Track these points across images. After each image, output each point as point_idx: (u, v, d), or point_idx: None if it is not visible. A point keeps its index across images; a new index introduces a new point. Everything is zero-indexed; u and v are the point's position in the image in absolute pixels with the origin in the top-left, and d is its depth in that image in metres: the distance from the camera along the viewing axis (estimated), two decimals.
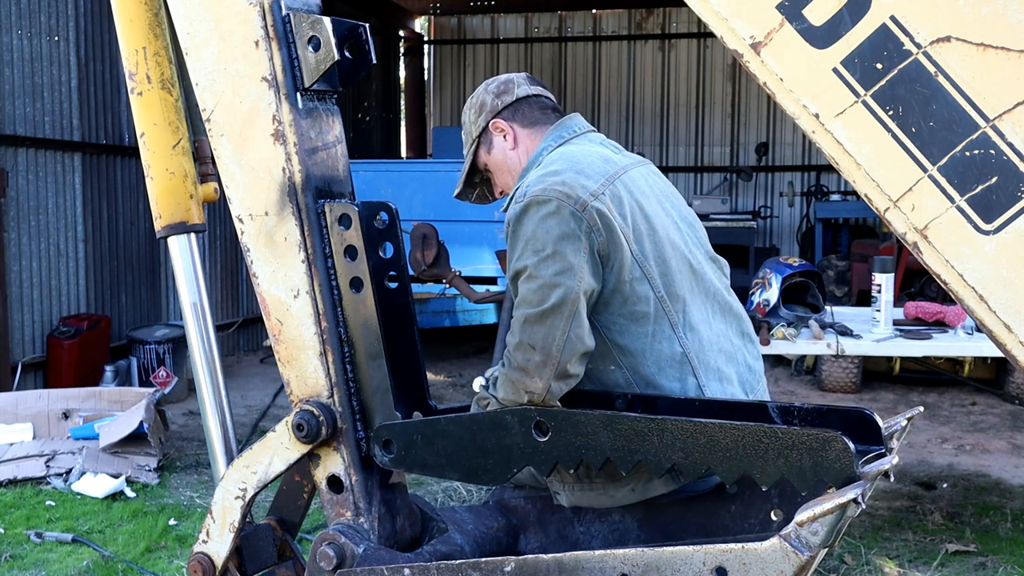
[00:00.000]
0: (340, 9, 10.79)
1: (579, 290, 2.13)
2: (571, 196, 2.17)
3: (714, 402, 2.12)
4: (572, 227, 2.15)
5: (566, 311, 2.12)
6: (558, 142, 2.41)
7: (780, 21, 1.52)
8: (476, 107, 2.54)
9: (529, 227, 2.17)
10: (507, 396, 2.16)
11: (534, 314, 2.12)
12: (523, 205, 2.19)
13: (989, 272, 1.45)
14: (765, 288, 5.09)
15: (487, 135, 2.52)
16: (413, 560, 1.93)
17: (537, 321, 2.11)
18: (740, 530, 2.09)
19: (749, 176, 13.11)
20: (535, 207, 2.17)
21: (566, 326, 2.11)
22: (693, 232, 2.44)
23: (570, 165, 2.27)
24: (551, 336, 2.11)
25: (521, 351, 2.12)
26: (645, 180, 2.40)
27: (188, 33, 1.98)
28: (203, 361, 2.18)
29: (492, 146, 2.52)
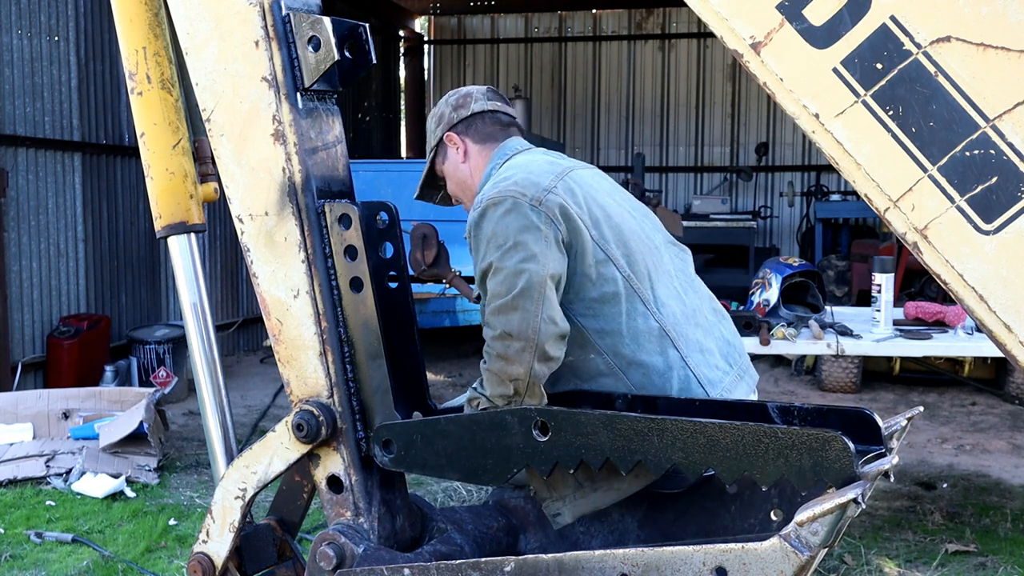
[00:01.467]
0: (340, 9, 10.79)
1: (545, 274, 2.20)
2: (525, 193, 2.27)
3: (714, 402, 2.12)
4: (531, 219, 2.24)
5: (535, 294, 2.18)
6: (503, 159, 2.52)
7: (780, 21, 1.52)
8: (436, 117, 2.63)
9: (488, 227, 2.26)
10: (494, 391, 2.20)
11: (506, 302, 2.18)
12: (480, 210, 2.28)
13: (989, 272, 1.45)
14: (765, 288, 5.09)
15: (443, 145, 2.61)
16: (413, 560, 1.93)
17: (510, 308, 2.17)
18: (740, 530, 2.09)
19: (749, 176, 13.11)
20: (492, 208, 2.26)
21: (538, 309, 2.18)
22: (648, 219, 2.54)
23: (519, 170, 2.38)
24: (526, 320, 2.17)
25: (500, 340, 2.18)
26: (592, 177, 2.49)
27: (188, 33, 1.98)
28: (203, 361, 2.18)
29: (447, 157, 2.61)
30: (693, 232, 11.01)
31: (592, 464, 1.84)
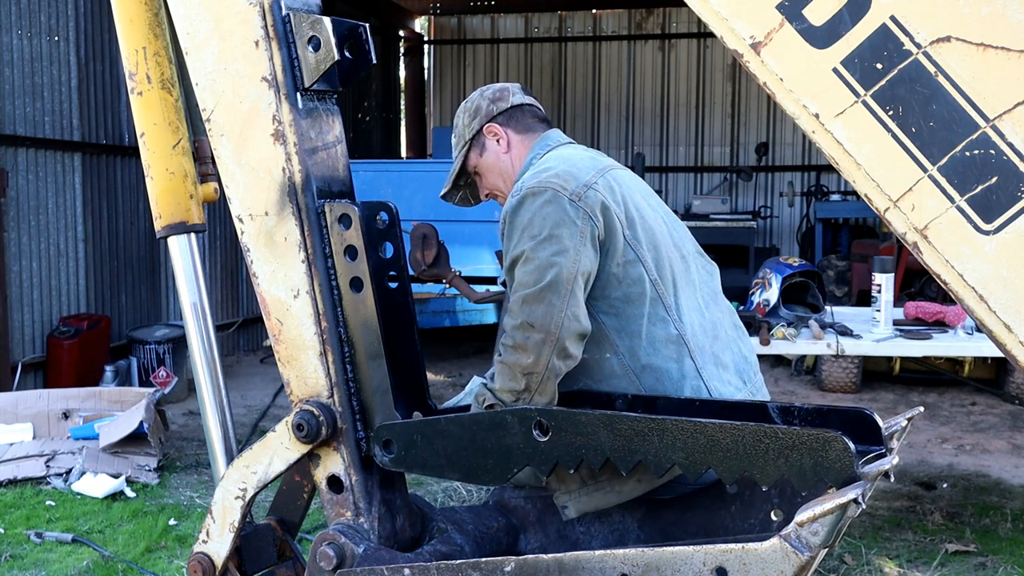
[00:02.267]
0: (340, 9, 10.79)
1: (576, 270, 2.21)
2: (566, 187, 2.27)
3: (714, 402, 2.12)
4: (569, 213, 2.24)
5: (563, 289, 2.19)
6: (546, 149, 2.52)
7: (780, 21, 1.52)
8: (471, 111, 2.61)
9: (525, 216, 2.26)
10: (504, 384, 2.20)
11: (532, 293, 2.18)
12: (519, 198, 2.28)
13: (989, 272, 1.45)
14: (765, 288, 5.09)
15: (480, 138, 2.59)
16: (413, 560, 1.93)
17: (535, 299, 2.18)
18: (740, 530, 2.09)
19: (749, 176, 13.11)
20: (531, 198, 2.26)
21: (563, 304, 2.18)
22: (679, 228, 2.55)
23: (561, 163, 2.38)
24: (549, 314, 2.17)
25: (521, 330, 2.18)
26: (631, 178, 2.51)
27: (188, 33, 1.98)
28: (203, 361, 2.18)
29: (485, 149, 2.59)
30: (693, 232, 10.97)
31: (592, 464, 1.84)
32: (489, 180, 2.63)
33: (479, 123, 2.59)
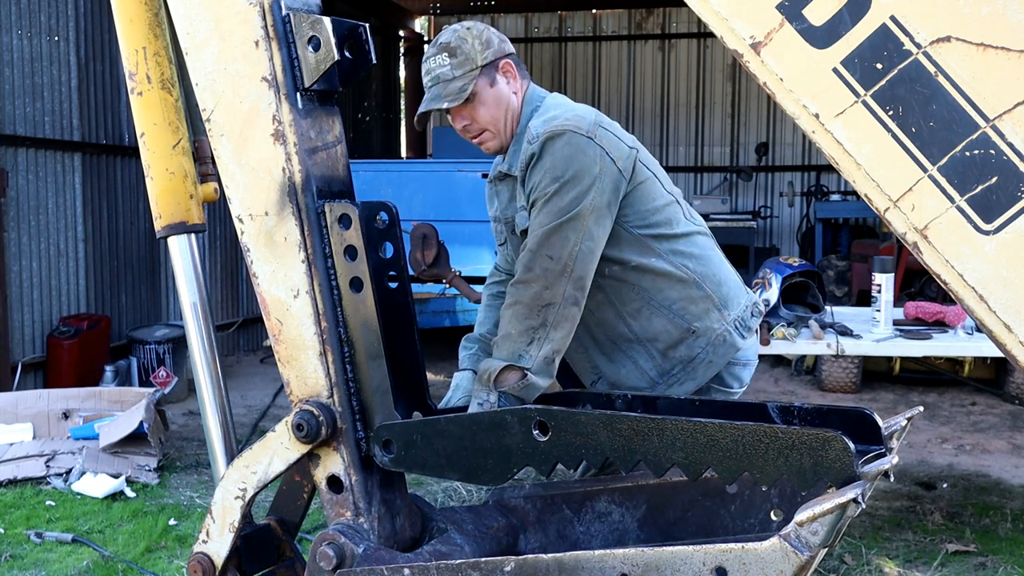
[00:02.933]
0: (340, 9, 10.79)
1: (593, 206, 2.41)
2: (580, 128, 2.45)
3: (714, 402, 2.12)
4: (587, 152, 2.43)
5: (580, 224, 2.39)
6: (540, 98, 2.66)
7: (780, 21, 1.52)
8: (481, 40, 2.59)
9: (548, 159, 2.42)
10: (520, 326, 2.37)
11: (552, 227, 2.38)
12: (540, 142, 2.44)
13: (989, 272, 1.45)
14: (765, 288, 5.09)
15: (492, 70, 2.59)
16: (413, 560, 1.93)
17: (555, 233, 2.38)
18: (740, 530, 2.09)
19: (749, 176, 13.11)
20: (550, 141, 2.43)
21: (579, 237, 2.39)
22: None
23: (565, 109, 2.57)
24: (565, 246, 2.38)
25: (539, 261, 2.37)
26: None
27: (188, 33, 1.98)
28: (203, 361, 2.18)
29: (495, 82, 2.60)
30: None
31: (592, 464, 1.84)
32: (485, 113, 2.61)
33: (493, 55, 2.59)
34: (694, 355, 2.59)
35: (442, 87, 2.57)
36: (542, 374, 2.40)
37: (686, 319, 2.58)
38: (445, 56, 2.57)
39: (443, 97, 2.57)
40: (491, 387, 2.37)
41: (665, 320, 2.57)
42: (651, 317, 2.57)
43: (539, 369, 2.39)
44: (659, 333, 2.58)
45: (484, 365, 2.41)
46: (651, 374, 2.60)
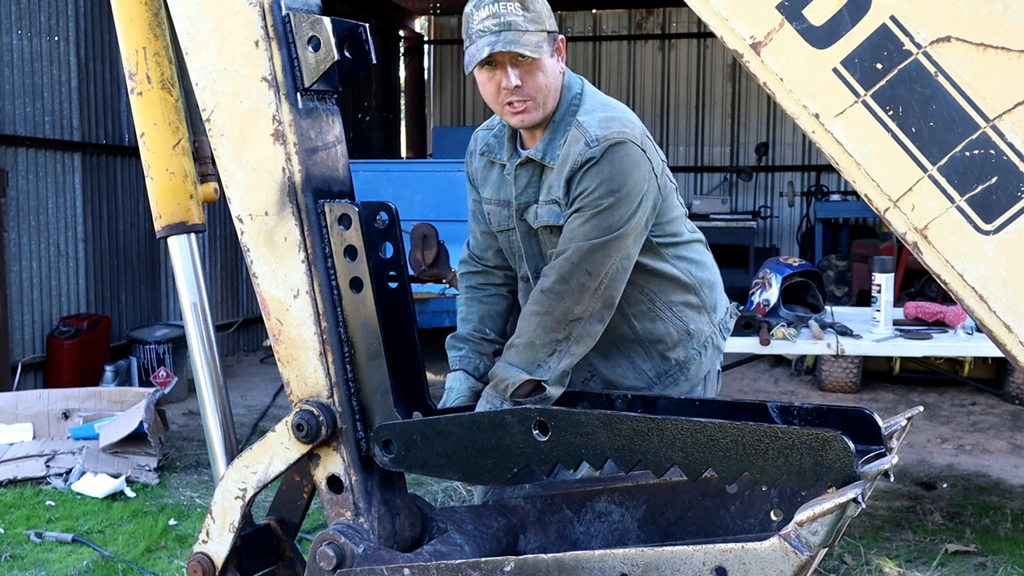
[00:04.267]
0: (340, 9, 10.79)
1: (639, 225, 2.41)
2: (635, 137, 2.41)
3: (713, 402, 2.12)
4: (641, 168, 2.40)
5: (624, 243, 2.39)
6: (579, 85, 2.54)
7: (780, 21, 1.52)
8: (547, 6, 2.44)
9: (606, 168, 2.36)
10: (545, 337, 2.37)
11: (598, 243, 2.35)
12: (603, 148, 2.37)
13: (989, 272, 1.45)
14: (765, 288, 5.09)
15: (552, 39, 2.44)
16: (413, 560, 1.93)
17: (600, 249, 2.35)
18: (740, 530, 2.09)
19: (749, 176, 13.10)
20: (612, 149, 2.37)
21: (618, 256, 2.38)
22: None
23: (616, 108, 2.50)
24: (604, 263, 2.37)
25: (577, 274, 2.35)
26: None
27: (188, 33, 1.98)
28: (203, 361, 2.18)
29: (553, 52, 2.45)
30: None
31: (592, 464, 1.84)
32: (543, 80, 2.42)
33: (553, 25, 2.44)
34: (689, 356, 2.64)
35: (516, 34, 2.34)
36: (557, 385, 2.41)
37: (684, 321, 2.63)
38: (517, 5, 2.36)
39: (522, 44, 2.34)
40: (507, 397, 2.37)
41: (667, 322, 2.61)
42: (655, 319, 2.59)
43: (555, 381, 2.41)
44: (662, 335, 2.60)
45: (501, 373, 2.39)
46: (649, 375, 2.62)
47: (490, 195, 2.65)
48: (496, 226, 2.67)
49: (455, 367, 2.64)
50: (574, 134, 2.43)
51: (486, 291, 2.75)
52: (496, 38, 2.34)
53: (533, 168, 2.52)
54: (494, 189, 2.64)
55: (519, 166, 2.54)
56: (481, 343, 2.67)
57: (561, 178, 2.43)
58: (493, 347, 2.67)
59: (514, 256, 2.67)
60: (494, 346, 2.67)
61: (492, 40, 2.35)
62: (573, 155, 2.40)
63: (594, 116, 2.43)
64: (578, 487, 2.27)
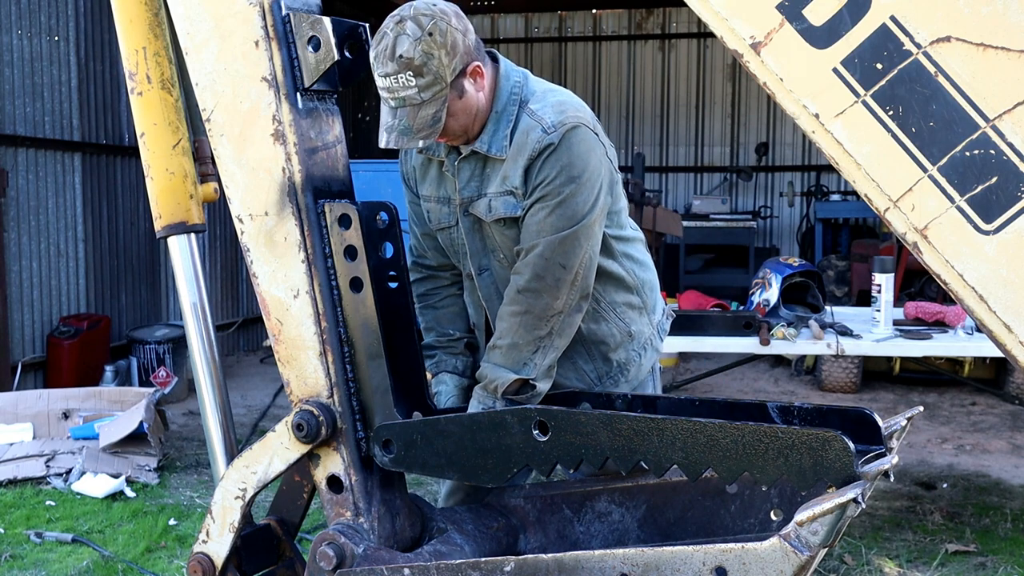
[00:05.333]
0: (340, 9, 10.79)
1: (603, 205, 2.37)
2: (588, 121, 2.37)
3: (713, 402, 2.12)
4: (596, 151, 2.36)
5: (592, 231, 2.35)
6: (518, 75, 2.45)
7: (780, 21, 1.52)
8: (448, 47, 2.22)
9: (565, 154, 2.31)
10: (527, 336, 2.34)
11: (569, 235, 2.30)
12: (560, 133, 2.32)
13: (989, 272, 1.45)
14: (765, 288, 5.09)
15: (459, 81, 2.27)
16: (413, 560, 1.93)
17: (571, 241, 2.31)
18: (740, 530, 2.09)
19: (749, 176, 13.10)
20: (570, 133, 2.32)
21: (588, 244, 2.35)
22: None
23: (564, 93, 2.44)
24: (576, 253, 2.32)
25: (552, 269, 2.31)
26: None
27: (188, 33, 1.98)
28: (203, 361, 2.18)
29: (463, 92, 2.29)
30: (693, 232, 11.01)
31: (592, 464, 1.84)
32: (454, 124, 2.32)
33: (461, 62, 2.25)
34: (629, 358, 2.60)
35: (411, 113, 2.24)
36: (545, 380, 2.40)
37: (626, 322, 2.58)
38: (410, 76, 2.19)
39: (415, 131, 2.25)
40: (498, 396, 2.36)
41: (611, 323, 2.56)
42: (600, 320, 2.53)
43: (542, 376, 2.39)
44: (605, 336, 2.55)
45: (490, 374, 2.37)
46: (591, 376, 2.56)
47: (429, 192, 2.55)
48: (436, 224, 2.56)
49: (435, 372, 2.61)
50: (527, 122, 2.35)
51: (437, 296, 2.68)
52: (392, 120, 2.25)
53: (477, 161, 2.42)
54: (433, 186, 2.54)
55: (462, 160, 2.42)
56: (450, 344, 2.64)
57: (517, 167, 2.35)
58: (463, 343, 2.64)
59: (457, 254, 2.58)
60: (463, 341, 2.65)
61: (389, 122, 2.26)
62: (531, 143, 2.33)
63: (546, 103, 2.37)
64: (578, 487, 2.27)
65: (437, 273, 2.68)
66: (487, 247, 2.50)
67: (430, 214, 2.57)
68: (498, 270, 2.51)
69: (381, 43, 2.21)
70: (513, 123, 2.37)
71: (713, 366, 7.05)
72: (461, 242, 2.53)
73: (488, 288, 2.54)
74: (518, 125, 2.38)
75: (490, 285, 2.53)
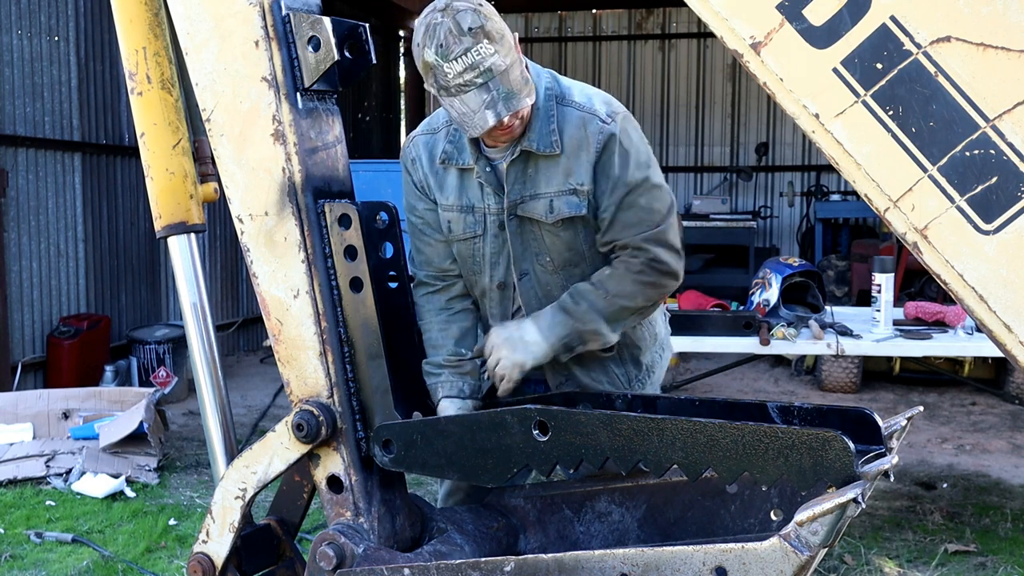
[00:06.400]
0: (340, 9, 10.79)
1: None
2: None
3: (713, 402, 2.12)
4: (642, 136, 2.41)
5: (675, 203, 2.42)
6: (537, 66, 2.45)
7: (780, 21, 1.52)
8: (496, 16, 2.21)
9: (629, 144, 2.33)
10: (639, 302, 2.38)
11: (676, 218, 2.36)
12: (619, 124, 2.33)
13: (989, 272, 1.45)
14: (765, 288, 5.09)
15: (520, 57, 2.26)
16: (413, 560, 1.93)
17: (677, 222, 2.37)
18: (740, 530, 2.09)
19: (749, 176, 13.10)
20: (625, 122, 2.35)
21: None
22: None
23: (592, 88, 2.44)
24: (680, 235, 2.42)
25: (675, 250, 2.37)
26: None
27: (188, 33, 1.98)
28: (203, 361, 2.18)
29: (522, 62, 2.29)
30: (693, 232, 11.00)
31: (592, 464, 1.84)
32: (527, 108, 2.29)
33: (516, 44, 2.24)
34: (654, 360, 2.60)
35: (503, 78, 2.14)
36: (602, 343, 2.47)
37: (653, 324, 2.59)
38: (487, 43, 2.11)
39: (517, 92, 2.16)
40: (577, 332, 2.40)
41: (643, 327, 2.56)
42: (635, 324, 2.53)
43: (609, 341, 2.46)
44: (639, 339, 2.56)
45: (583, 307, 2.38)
46: (621, 379, 2.56)
47: (451, 201, 2.44)
48: (459, 234, 2.44)
49: (439, 396, 2.41)
50: (577, 115, 2.32)
51: (452, 309, 2.51)
52: (488, 96, 2.14)
53: (526, 162, 2.36)
54: (453, 195, 2.43)
55: (512, 163, 2.35)
56: (460, 365, 2.45)
57: (582, 162, 2.31)
58: (472, 365, 2.47)
59: (476, 264, 2.47)
60: (473, 363, 2.47)
61: (485, 99, 2.14)
62: (591, 135, 2.30)
63: (587, 95, 2.39)
64: (578, 487, 2.27)
65: (458, 281, 2.53)
66: (530, 251, 2.42)
67: (451, 224, 2.45)
68: (540, 274, 2.44)
69: (439, 31, 2.16)
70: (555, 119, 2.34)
71: (713, 366, 7.05)
72: (484, 252, 2.44)
73: (528, 293, 2.46)
74: (564, 120, 2.34)
75: (530, 290, 2.46)
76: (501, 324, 2.43)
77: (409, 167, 2.52)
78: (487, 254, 2.45)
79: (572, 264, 2.44)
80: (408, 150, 2.53)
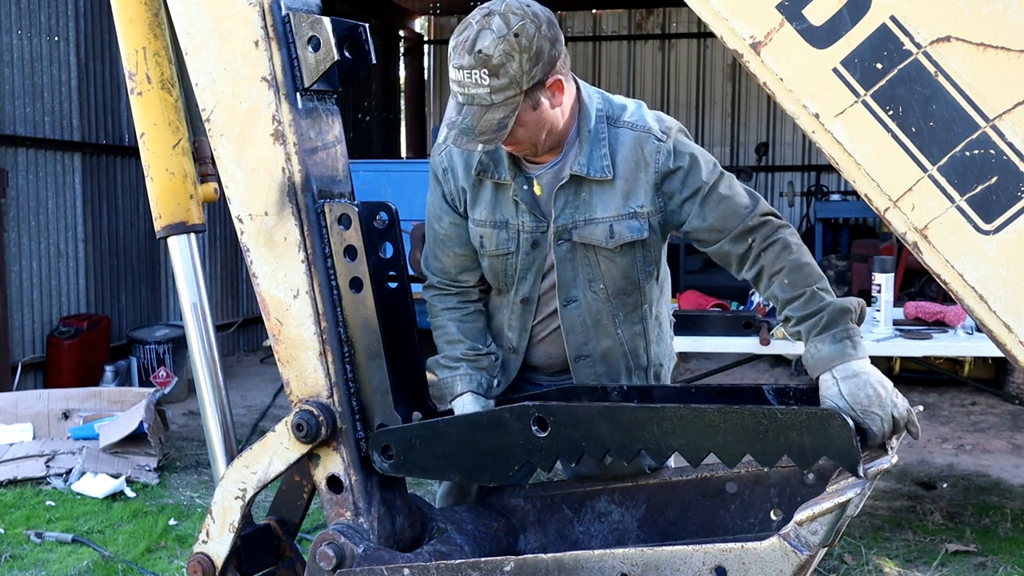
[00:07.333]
0: (340, 9, 10.78)
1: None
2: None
3: (709, 388, 2.11)
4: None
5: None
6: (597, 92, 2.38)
7: (780, 21, 1.52)
8: (531, 53, 2.07)
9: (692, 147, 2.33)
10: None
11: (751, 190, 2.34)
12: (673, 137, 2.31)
13: (989, 272, 1.45)
14: None
15: (534, 92, 2.13)
16: (413, 560, 1.93)
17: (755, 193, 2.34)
18: (740, 530, 2.09)
19: (749, 176, 13.08)
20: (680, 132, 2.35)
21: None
22: None
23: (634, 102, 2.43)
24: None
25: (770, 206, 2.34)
26: None
27: (188, 33, 1.98)
28: (203, 361, 2.18)
29: (538, 104, 2.15)
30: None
31: (593, 456, 1.84)
32: (522, 134, 2.19)
33: (541, 72, 2.10)
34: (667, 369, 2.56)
35: (477, 114, 2.10)
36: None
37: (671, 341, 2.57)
38: (484, 74, 2.05)
39: (476, 134, 2.10)
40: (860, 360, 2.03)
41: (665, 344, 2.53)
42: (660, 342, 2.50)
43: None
44: (662, 358, 2.52)
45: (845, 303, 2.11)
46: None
47: (484, 217, 2.36)
48: (493, 250, 2.37)
49: (459, 390, 2.37)
50: (631, 136, 2.28)
51: (465, 310, 2.47)
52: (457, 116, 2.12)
53: (571, 185, 2.29)
54: (487, 210, 2.36)
55: (561, 188, 2.29)
56: (478, 359, 2.41)
57: (641, 183, 2.27)
58: (491, 359, 2.44)
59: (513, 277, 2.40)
60: (491, 357, 2.44)
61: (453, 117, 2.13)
62: (649, 155, 2.26)
63: (638, 113, 2.33)
64: (578, 487, 2.27)
65: (470, 289, 2.48)
66: (582, 277, 2.35)
67: (483, 239, 2.37)
68: (591, 302, 2.36)
69: (463, 33, 2.09)
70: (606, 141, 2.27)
71: (713, 366, 7.05)
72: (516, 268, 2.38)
73: (572, 320, 2.38)
74: (617, 142, 2.28)
75: (577, 317, 2.37)
76: (855, 377, 1.95)
77: (440, 177, 2.42)
78: (517, 270, 2.38)
79: (625, 293, 2.36)
80: (441, 158, 2.40)
